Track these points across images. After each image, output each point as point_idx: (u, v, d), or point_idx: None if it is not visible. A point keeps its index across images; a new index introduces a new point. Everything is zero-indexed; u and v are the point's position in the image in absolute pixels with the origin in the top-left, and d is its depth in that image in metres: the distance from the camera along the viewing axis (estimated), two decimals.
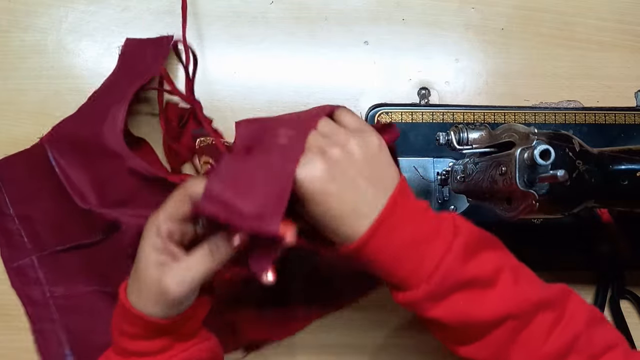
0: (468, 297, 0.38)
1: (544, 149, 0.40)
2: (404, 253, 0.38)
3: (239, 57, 0.61)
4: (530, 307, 0.39)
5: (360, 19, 0.62)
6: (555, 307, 0.40)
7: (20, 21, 0.60)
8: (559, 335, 0.39)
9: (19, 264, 0.56)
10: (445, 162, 0.58)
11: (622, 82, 0.64)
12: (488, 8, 0.64)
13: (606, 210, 0.58)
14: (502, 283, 0.39)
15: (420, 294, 0.38)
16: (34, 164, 0.56)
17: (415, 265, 0.38)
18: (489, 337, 0.39)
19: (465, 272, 0.38)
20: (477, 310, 0.38)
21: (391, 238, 0.38)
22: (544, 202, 0.42)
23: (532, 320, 0.39)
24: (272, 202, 0.36)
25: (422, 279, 0.37)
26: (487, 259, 0.39)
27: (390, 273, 0.39)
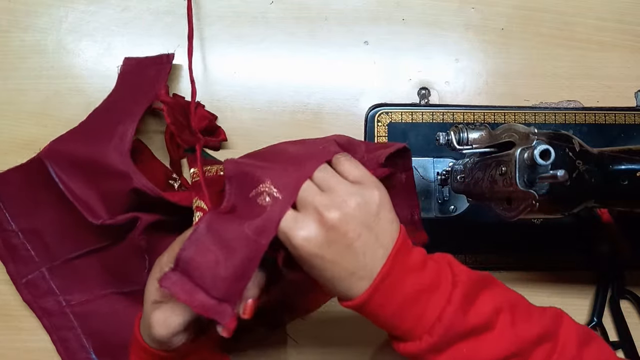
0: (470, 345, 0.38)
1: (544, 149, 0.40)
2: (405, 307, 0.38)
3: (239, 57, 0.61)
4: (528, 344, 0.39)
5: (360, 19, 0.62)
6: (551, 337, 0.40)
7: (20, 21, 0.60)
8: None
9: (28, 279, 0.55)
10: (445, 162, 0.58)
11: (622, 82, 0.64)
12: (488, 8, 0.64)
13: (606, 210, 0.58)
14: (501, 324, 0.39)
15: (424, 346, 0.37)
16: (33, 178, 0.55)
17: (417, 318, 0.38)
18: None
19: (466, 322, 0.38)
20: (479, 356, 0.38)
21: (391, 295, 0.37)
22: (544, 202, 0.42)
23: (531, 355, 0.39)
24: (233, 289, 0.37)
25: (425, 331, 0.37)
26: (485, 303, 0.39)
27: (392, 326, 0.38)
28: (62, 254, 0.56)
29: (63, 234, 0.56)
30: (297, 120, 0.61)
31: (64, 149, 0.54)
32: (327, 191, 0.38)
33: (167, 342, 0.41)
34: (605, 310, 0.60)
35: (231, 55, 0.61)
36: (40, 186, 0.55)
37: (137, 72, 0.58)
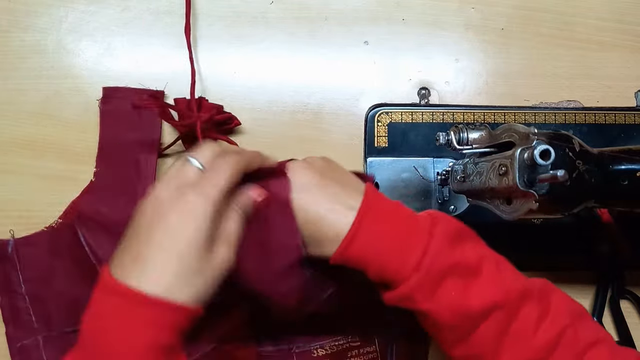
0: (457, 286, 0.39)
1: (544, 149, 0.40)
2: (390, 247, 0.39)
3: (239, 57, 0.61)
4: (515, 296, 0.39)
5: (360, 19, 0.62)
6: (540, 299, 0.40)
7: (20, 21, 0.60)
8: (547, 328, 0.39)
9: (22, 344, 0.55)
10: (445, 162, 0.58)
11: (622, 82, 0.64)
12: (488, 8, 0.64)
13: (606, 210, 0.58)
14: (487, 271, 0.40)
15: (413, 284, 0.38)
16: (60, 243, 0.55)
17: (402, 258, 0.39)
18: (479, 332, 0.39)
19: (450, 256, 0.39)
20: (467, 299, 0.39)
21: (375, 232, 0.39)
22: (544, 202, 0.42)
23: (519, 312, 0.39)
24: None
25: (412, 269, 0.38)
26: (469, 248, 0.40)
27: (380, 269, 0.39)
28: (60, 325, 0.55)
29: (67, 307, 0.55)
30: (297, 120, 0.61)
31: (89, 210, 0.55)
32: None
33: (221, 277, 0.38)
34: (605, 310, 0.60)
35: (231, 55, 0.61)
36: (62, 253, 0.55)
37: (120, 106, 0.58)
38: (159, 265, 0.34)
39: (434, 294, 0.39)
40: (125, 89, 0.58)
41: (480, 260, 0.40)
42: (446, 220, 0.41)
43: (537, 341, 0.39)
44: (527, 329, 0.39)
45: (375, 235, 0.39)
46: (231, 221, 0.39)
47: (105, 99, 0.58)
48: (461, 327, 0.40)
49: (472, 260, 0.40)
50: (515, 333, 0.39)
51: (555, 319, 0.40)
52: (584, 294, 0.61)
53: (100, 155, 0.57)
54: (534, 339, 0.39)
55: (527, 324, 0.39)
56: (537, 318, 0.39)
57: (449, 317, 0.39)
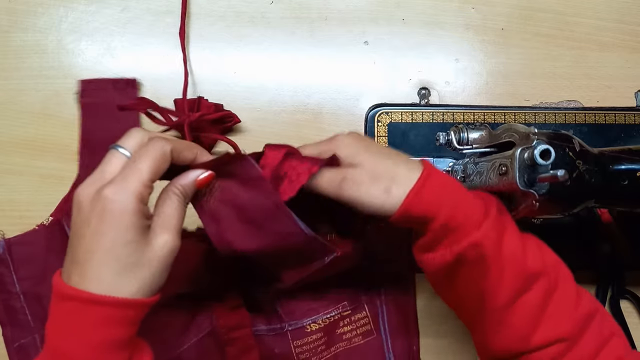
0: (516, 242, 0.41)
1: (544, 149, 0.40)
2: (457, 195, 0.41)
3: (239, 57, 0.61)
4: (552, 268, 0.42)
5: (360, 19, 0.62)
6: (571, 280, 0.43)
7: (20, 21, 0.60)
8: (586, 303, 0.42)
9: (20, 343, 0.55)
10: (445, 162, 0.58)
11: (622, 82, 0.64)
12: (488, 8, 0.64)
13: (606, 210, 0.58)
14: (530, 244, 0.42)
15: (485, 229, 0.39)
16: (52, 242, 0.55)
17: (471, 206, 0.40)
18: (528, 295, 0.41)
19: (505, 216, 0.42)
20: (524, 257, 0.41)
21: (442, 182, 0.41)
22: (544, 202, 0.42)
23: (557, 286, 0.42)
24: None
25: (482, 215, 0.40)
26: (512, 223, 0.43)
27: (450, 214, 0.40)
28: None
29: None
30: (297, 120, 0.61)
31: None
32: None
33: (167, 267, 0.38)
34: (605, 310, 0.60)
35: (231, 55, 0.61)
36: (56, 250, 0.55)
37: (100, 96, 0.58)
38: (95, 267, 0.35)
39: (500, 244, 0.40)
40: (99, 80, 0.59)
41: (523, 234, 0.43)
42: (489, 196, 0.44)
43: (579, 312, 0.41)
44: (569, 300, 0.42)
45: (444, 184, 0.41)
46: (168, 206, 0.38)
47: (84, 92, 0.58)
48: (516, 285, 0.41)
49: (518, 230, 0.42)
50: (557, 301, 0.41)
51: (588, 298, 0.42)
52: None
53: (83, 149, 0.58)
54: (576, 310, 0.41)
55: (568, 295, 0.42)
56: (576, 293, 0.42)
57: (509, 270, 0.40)
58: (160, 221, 0.37)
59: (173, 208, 0.38)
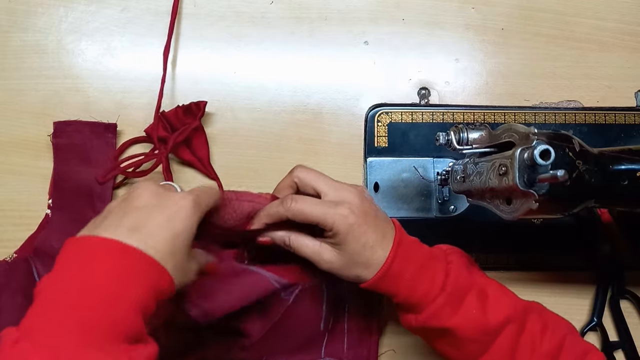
0: (476, 304, 0.45)
1: (544, 149, 0.40)
2: (417, 274, 0.45)
3: (239, 57, 0.61)
4: (520, 311, 0.45)
5: (360, 19, 0.62)
6: (539, 314, 0.47)
7: (20, 21, 0.60)
8: (550, 337, 0.45)
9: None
10: (445, 162, 0.58)
11: (622, 82, 0.64)
12: (488, 8, 0.64)
13: (606, 210, 0.58)
14: (493, 292, 0.46)
15: (440, 302, 0.44)
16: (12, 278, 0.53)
17: (430, 281, 0.45)
18: (496, 345, 0.45)
19: (468, 278, 0.46)
20: (485, 315, 0.44)
21: (406, 261, 0.45)
22: (544, 202, 0.42)
23: (525, 325, 0.45)
24: None
25: (439, 290, 0.44)
26: (476, 273, 0.48)
27: (409, 293, 0.45)
28: None
29: None
30: (297, 120, 0.61)
31: (46, 246, 0.54)
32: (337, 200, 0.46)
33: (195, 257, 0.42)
34: (605, 310, 0.60)
35: (231, 55, 0.61)
36: (14, 288, 0.53)
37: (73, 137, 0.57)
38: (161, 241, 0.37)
39: (457, 310, 0.44)
40: (77, 122, 0.57)
41: (486, 283, 0.47)
42: (456, 251, 0.48)
43: (543, 349, 0.44)
44: (534, 339, 0.45)
45: (405, 266, 0.45)
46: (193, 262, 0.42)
47: (57, 133, 0.57)
48: (481, 341, 0.45)
49: (482, 283, 0.47)
50: (524, 343, 0.45)
51: (555, 329, 0.46)
52: (584, 294, 0.61)
53: (54, 189, 0.57)
54: (540, 347, 0.44)
55: (534, 334, 0.45)
56: (541, 329, 0.45)
57: (471, 332, 0.44)
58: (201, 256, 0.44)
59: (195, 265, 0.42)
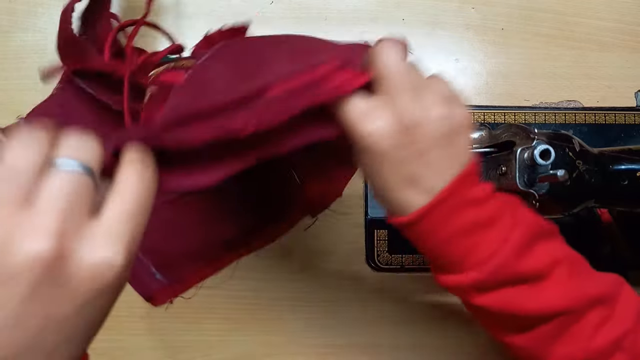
0: (519, 291, 0.37)
1: (544, 149, 0.40)
2: (457, 237, 0.36)
3: None
4: (584, 303, 0.38)
5: (360, 19, 0.62)
6: (608, 302, 0.38)
7: (20, 21, 0.60)
8: (608, 332, 0.38)
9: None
10: None
11: (622, 82, 0.64)
12: (488, 8, 0.64)
13: (606, 210, 0.58)
14: (556, 277, 0.37)
15: (469, 280, 0.36)
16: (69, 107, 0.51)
17: (467, 251, 0.36)
18: (537, 330, 0.38)
19: (519, 267, 0.36)
20: (528, 303, 0.37)
21: (446, 220, 0.35)
22: (544, 202, 0.42)
23: (584, 316, 0.38)
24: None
25: (473, 266, 0.36)
26: (543, 252, 0.37)
27: (439, 255, 0.37)
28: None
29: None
30: None
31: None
32: (418, 90, 0.35)
33: None
34: None
35: None
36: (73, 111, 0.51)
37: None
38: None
39: (490, 293, 0.37)
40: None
41: (552, 265, 0.37)
42: (528, 221, 0.37)
43: (594, 344, 0.38)
44: (586, 333, 0.38)
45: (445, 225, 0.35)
46: None
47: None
48: (515, 324, 0.38)
49: (543, 265, 0.37)
50: (572, 336, 0.38)
51: (618, 322, 0.38)
52: None
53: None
54: (591, 342, 0.38)
55: (588, 327, 0.38)
56: (600, 322, 0.38)
57: (503, 314, 0.38)
58: None
59: None
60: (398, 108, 0.33)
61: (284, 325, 0.59)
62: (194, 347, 0.58)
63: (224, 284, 0.58)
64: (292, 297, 0.59)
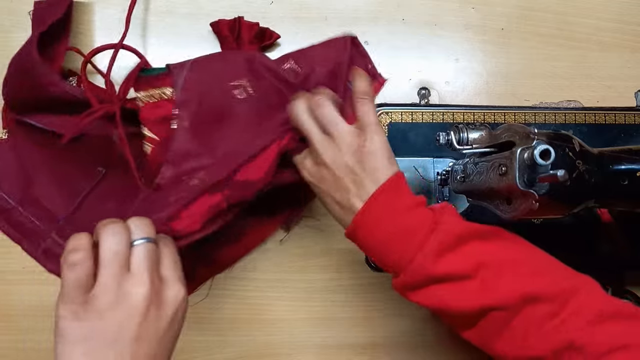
0: (444, 289, 0.41)
1: (544, 149, 0.40)
2: (388, 243, 0.42)
3: None
4: (515, 300, 0.40)
5: (360, 19, 0.63)
6: (552, 301, 0.40)
7: (21, 21, 0.60)
8: (553, 329, 0.39)
9: (42, 249, 0.55)
10: (445, 162, 0.58)
11: (622, 82, 0.64)
12: (488, 8, 0.64)
13: (606, 210, 0.58)
14: (482, 277, 0.41)
15: (400, 282, 0.43)
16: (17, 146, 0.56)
17: (398, 256, 0.42)
18: (478, 326, 0.42)
19: (436, 269, 0.41)
20: (454, 301, 0.41)
21: (373, 230, 0.43)
22: (544, 202, 0.42)
23: (520, 312, 0.40)
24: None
25: (402, 269, 0.42)
26: (467, 255, 0.41)
27: (380, 260, 0.44)
28: (62, 211, 0.55)
29: (59, 192, 0.55)
30: None
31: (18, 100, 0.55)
32: (328, 132, 0.45)
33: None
34: None
35: None
36: (26, 151, 0.55)
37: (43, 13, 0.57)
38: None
39: (419, 291, 0.42)
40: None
41: (477, 267, 0.41)
42: (450, 227, 0.42)
43: (535, 341, 0.39)
44: (526, 329, 0.40)
45: (374, 234, 0.43)
46: None
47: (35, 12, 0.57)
48: (458, 320, 0.43)
49: (466, 267, 0.41)
50: (512, 331, 0.40)
51: (567, 321, 0.39)
52: None
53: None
54: (531, 338, 0.39)
55: (527, 324, 0.40)
56: (542, 319, 0.39)
57: (438, 311, 0.43)
58: None
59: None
60: (312, 153, 0.46)
61: (284, 325, 0.59)
62: (194, 347, 0.58)
63: (224, 284, 0.58)
64: (292, 297, 0.59)
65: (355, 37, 0.51)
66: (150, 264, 0.38)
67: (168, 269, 0.40)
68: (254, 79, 0.51)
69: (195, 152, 0.49)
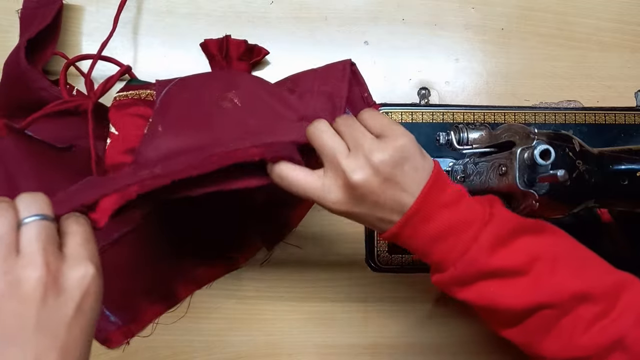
0: (496, 285, 0.39)
1: (544, 149, 0.40)
2: (435, 241, 0.40)
3: None
4: (567, 298, 0.39)
5: (360, 19, 0.63)
6: (602, 300, 0.39)
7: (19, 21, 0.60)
8: (602, 329, 0.38)
9: None
10: (445, 162, 0.58)
11: (622, 82, 0.64)
12: (488, 8, 0.64)
13: (606, 210, 0.58)
14: (536, 273, 0.39)
15: (447, 278, 0.40)
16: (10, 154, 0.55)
17: (446, 252, 0.40)
18: (525, 324, 0.40)
19: (490, 262, 0.39)
20: (505, 298, 0.39)
21: (420, 229, 0.40)
22: (544, 202, 0.42)
23: (571, 311, 0.39)
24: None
25: (451, 264, 0.40)
26: (521, 248, 0.40)
27: (424, 256, 0.41)
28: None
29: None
30: None
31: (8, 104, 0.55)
32: (353, 149, 0.39)
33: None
34: None
35: None
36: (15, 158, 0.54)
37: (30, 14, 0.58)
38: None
39: (469, 288, 0.40)
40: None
41: (530, 262, 0.39)
42: (503, 219, 0.40)
43: (585, 341, 0.38)
44: (576, 328, 0.39)
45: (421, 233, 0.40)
46: None
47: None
48: (503, 318, 0.41)
49: (519, 262, 0.39)
50: (560, 330, 0.39)
51: (615, 321, 0.38)
52: None
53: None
54: (581, 338, 0.39)
55: (577, 323, 0.39)
56: (592, 318, 0.39)
57: (486, 307, 0.40)
58: None
59: None
60: (340, 179, 0.39)
61: (284, 325, 0.59)
62: (194, 347, 0.58)
63: (224, 284, 0.58)
64: (292, 297, 0.59)
65: (353, 64, 0.49)
66: (44, 244, 0.32)
67: (73, 247, 0.34)
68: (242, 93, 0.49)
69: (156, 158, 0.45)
